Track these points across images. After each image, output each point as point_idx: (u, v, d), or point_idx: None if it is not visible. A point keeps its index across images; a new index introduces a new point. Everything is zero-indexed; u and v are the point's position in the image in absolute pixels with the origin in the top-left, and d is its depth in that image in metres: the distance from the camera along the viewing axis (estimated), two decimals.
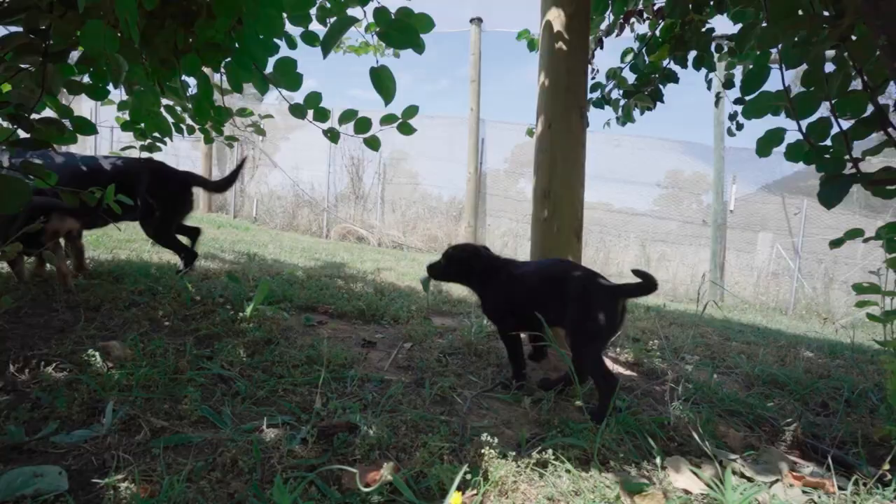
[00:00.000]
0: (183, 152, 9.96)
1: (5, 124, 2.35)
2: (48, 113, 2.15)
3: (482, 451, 1.20)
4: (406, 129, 2.30)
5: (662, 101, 2.97)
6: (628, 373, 2.23)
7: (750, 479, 1.37)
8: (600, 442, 1.40)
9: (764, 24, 1.72)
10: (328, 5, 2.90)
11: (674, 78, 2.97)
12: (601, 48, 3.25)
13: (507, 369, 2.04)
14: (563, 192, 2.26)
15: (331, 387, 1.60)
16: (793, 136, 1.60)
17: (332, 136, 2.45)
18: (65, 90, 2.34)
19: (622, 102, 3.11)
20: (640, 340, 2.89)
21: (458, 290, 4.09)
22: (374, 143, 2.44)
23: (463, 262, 1.97)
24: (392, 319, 2.61)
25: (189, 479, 1.00)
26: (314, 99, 2.32)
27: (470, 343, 2.23)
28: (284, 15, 1.93)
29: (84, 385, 1.29)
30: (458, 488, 1.07)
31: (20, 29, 2.30)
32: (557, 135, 2.27)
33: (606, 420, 1.52)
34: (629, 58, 3.24)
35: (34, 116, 2.12)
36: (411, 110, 2.25)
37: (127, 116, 2.97)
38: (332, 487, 1.04)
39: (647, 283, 1.68)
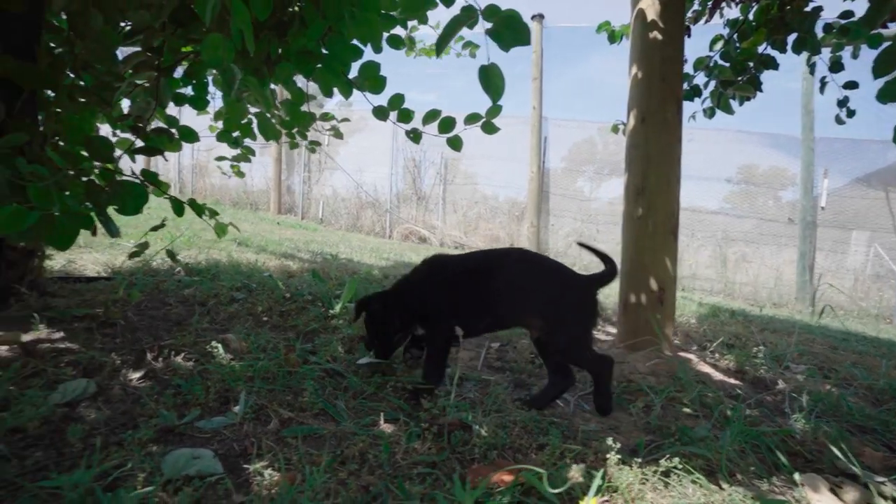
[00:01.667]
0: (254, 156, 10.56)
1: (123, 135, 2.58)
2: (150, 123, 2.34)
3: (607, 455, 1.15)
4: (490, 129, 2.29)
5: (761, 90, 2.76)
6: (732, 381, 2.08)
7: None
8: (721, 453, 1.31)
9: None
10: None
11: (772, 64, 2.75)
12: (688, 36, 3.07)
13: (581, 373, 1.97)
14: (659, 189, 2.15)
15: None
16: None
17: (415, 136, 2.48)
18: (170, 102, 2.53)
19: (721, 92, 2.92)
20: (734, 346, 2.70)
21: None
22: (456, 143, 2.44)
23: (378, 312, 1.63)
24: None
25: (324, 469, 1.03)
26: (398, 100, 2.36)
27: None
28: None
29: (215, 374, 1.38)
30: (584, 493, 1.04)
31: (138, 48, 2.49)
32: (652, 128, 2.17)
33: (726, 430, 1.42)
34: (718, 45, 3.05)
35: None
36: (495, 109, 2.22)
37: (219, 124, 3.16)
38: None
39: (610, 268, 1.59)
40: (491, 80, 1.38)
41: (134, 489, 0.86)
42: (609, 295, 4.55)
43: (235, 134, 2.87)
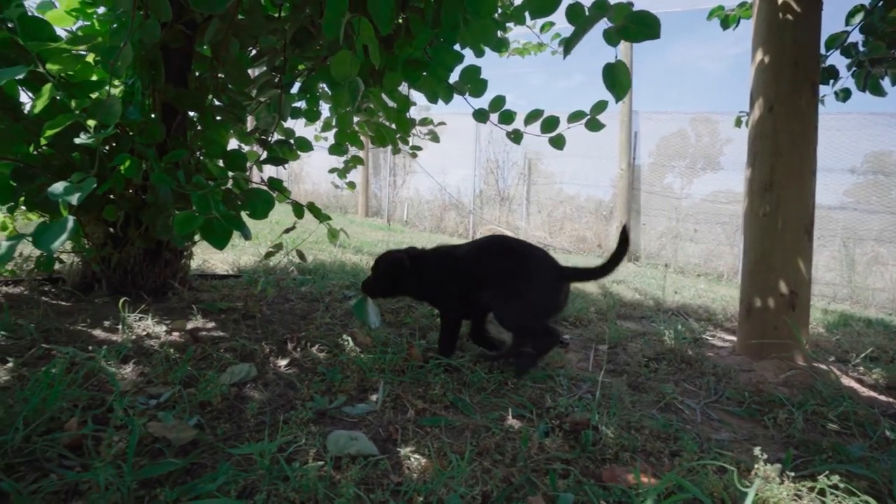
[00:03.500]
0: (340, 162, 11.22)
1: (248, 147, 2.87)
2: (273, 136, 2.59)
3: (756, 467, 1.09)
4: (595, 126, 2.25)
5: None
6: (884, 398, 1.85)
7: None
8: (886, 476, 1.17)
9: None
10: (501, 11, 2.97)
11: None
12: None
13: (724, 380, 1.85)
14: (790, 183, 1.97)
15: (546, 384, 1.62)
16: None
17: (516, 136, 2.49)
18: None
19: (868, 71, 2.60)
20: (878, 359, 2.39)
21: (629, 294, 3.87)
22: (559, 142, 2.43)
23: (392, 269, 1.79)
24: (576, 320, 2.56)
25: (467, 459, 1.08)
26: (499, 102, 2.39)
27: (673, 349, 2.07)
28: None
29: (352, 365, 1.50)
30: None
31: (263, 69, 2.75)
32: (781, 117, 1.99)
33: (894, 451, 1.27)
34: (857, 18, 2.71)
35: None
36: (601, 105, 2.18)
37: (325, 134, 3.39)
38: (594, 484, 1.03)
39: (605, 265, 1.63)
40: (617, 77, 1.36)
41: (307, 462, 0.97)
42: (715, 299, 4.21)
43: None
